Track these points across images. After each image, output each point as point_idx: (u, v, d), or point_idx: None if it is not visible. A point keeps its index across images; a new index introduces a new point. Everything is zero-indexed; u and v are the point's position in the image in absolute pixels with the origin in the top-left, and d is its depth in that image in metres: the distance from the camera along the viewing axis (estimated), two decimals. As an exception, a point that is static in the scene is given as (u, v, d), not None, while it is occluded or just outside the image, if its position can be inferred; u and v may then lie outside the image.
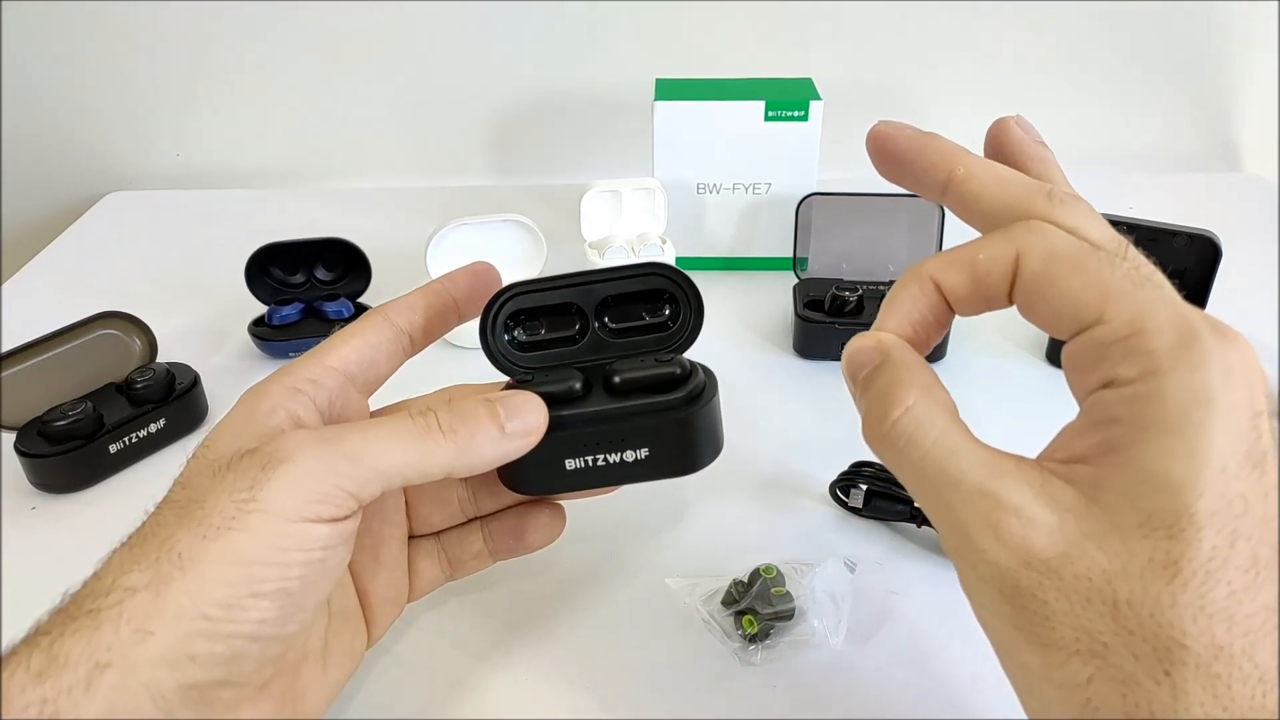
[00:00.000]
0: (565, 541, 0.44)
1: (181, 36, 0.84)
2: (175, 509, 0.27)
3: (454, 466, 0.29)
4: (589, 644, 0.39)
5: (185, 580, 0.25)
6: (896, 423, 0.26)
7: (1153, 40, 0.86)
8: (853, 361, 0.28)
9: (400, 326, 0.34)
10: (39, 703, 0.23)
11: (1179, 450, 0.23)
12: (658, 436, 0.32)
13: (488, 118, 0.89)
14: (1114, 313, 0.24)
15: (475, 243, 0.60)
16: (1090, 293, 0.25)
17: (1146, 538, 0.23)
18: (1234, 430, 0.23)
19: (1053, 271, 0.25)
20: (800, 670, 0.37)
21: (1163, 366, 0.23)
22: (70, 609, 0.25)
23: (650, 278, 0.34)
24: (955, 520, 0.25)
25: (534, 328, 0.35)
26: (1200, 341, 0.24)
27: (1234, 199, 0.85)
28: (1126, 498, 0.24)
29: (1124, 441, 0.24)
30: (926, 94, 0.89)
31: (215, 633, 0.25)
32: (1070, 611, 0.23)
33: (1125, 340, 0.24)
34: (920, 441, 0.26)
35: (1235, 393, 0.24)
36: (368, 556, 0.34)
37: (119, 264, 0.76)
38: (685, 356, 0.33)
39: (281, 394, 0.31)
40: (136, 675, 0.24)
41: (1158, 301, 0.24)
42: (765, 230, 0.70)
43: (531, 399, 0.31)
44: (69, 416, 0.48)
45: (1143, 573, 0.23)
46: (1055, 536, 0.24)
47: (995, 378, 0.57)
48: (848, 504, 0.45)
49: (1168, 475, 0.23)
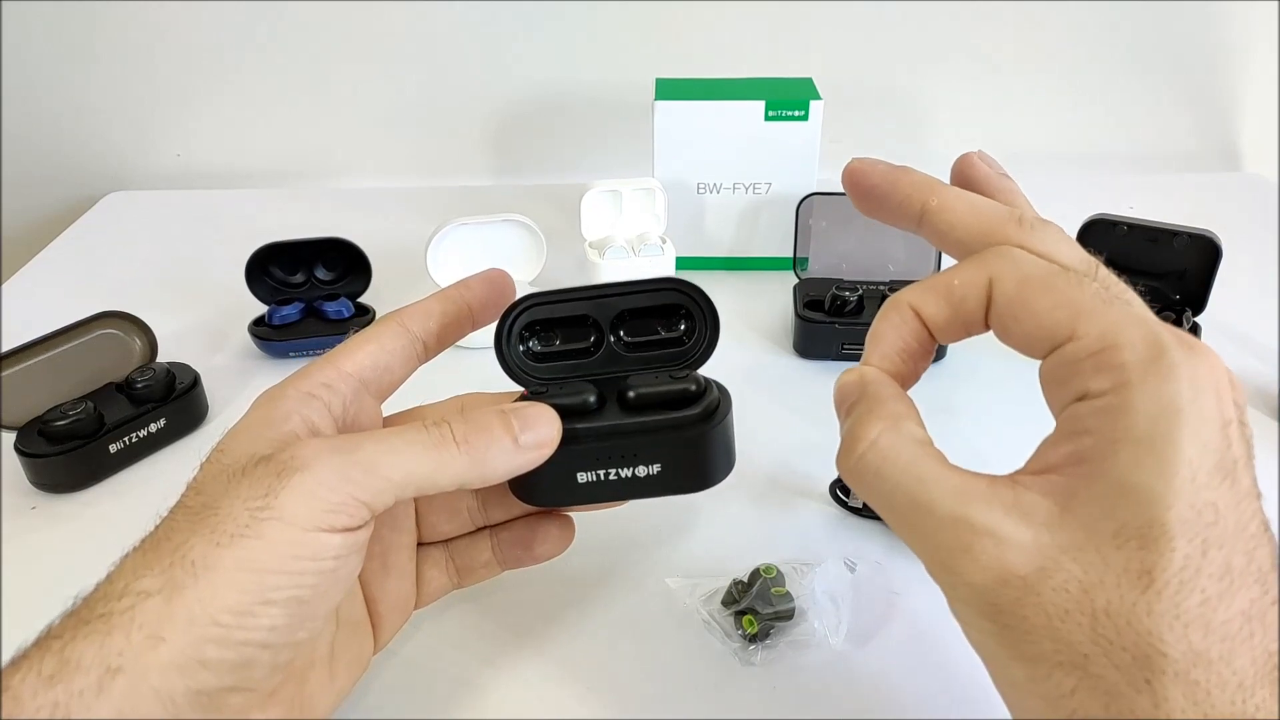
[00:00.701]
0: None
1: (181, 36, 0.84)
2: (189, 514, 0.27)
3: (467, 478, 0.29)
4: (589, 644, 0.39)
5: (198, 587, 0.25)
6: (863, 456, 0.27)
7: (1153, 40, 0.86)
8: (839, 396, 0.29)
9: (415, 333, 0.34)
10: (50, 706, 0.23)
11: (1149, 461, 0.24)
12: (671, 453, 0.32)
13: (488, 118, 0.89)
14: (1085, 329, 0.25)
15: (475, 243, 0.60)
16: (1061, 312, 0.26)
17: (1120, 549, 0.23)
18: (1203, 440, 0.24)
19: (1025, 294, 0.26)
20: (800, 670, 0.37)
21: (1132, 379, 0.24)
22: (82, 612, 0.25)
23: (666, 293, 0.34)
24: (930, 547, 0.26)
25: (549, 339, 0.35)
26: (1168, 354, 0.24)
27: (1234, 199, 0.85)
28: (1099, 507, 0.24)
29: (1096, 453, 0.24)
30: (926, 94, 0.89)
31: (227, 639, 0.25)
32: (1049, 625, 0.24)
33: (1096, 355, 0.25)
34: (888, 474, 0.27)
35: (1204, 403, 0.24)
36: (376, 564, 0.34)
37: (119, 264, 0.76)
38: (699, 373, 0.33)
39: (296, 399, 0.30)
40: (147, 680, 0.24)
41: (1127, 317, 0.25)
42: (765, 230, 0.70)
43: (546, 411, 0.31)
44: (69, 416, 0.48)
45: (1118, 583, 0.23)
46: (1030, 553, 0.24)
47: (995, 378, 0.57)
48: (848, 504, 0.45)
49: (1139, 486, 0.24)
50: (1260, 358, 0.59)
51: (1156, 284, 0.57)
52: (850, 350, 0.57)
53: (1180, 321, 0.55)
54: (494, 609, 0.40)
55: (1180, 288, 0.57)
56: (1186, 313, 0.56)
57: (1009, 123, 0.90)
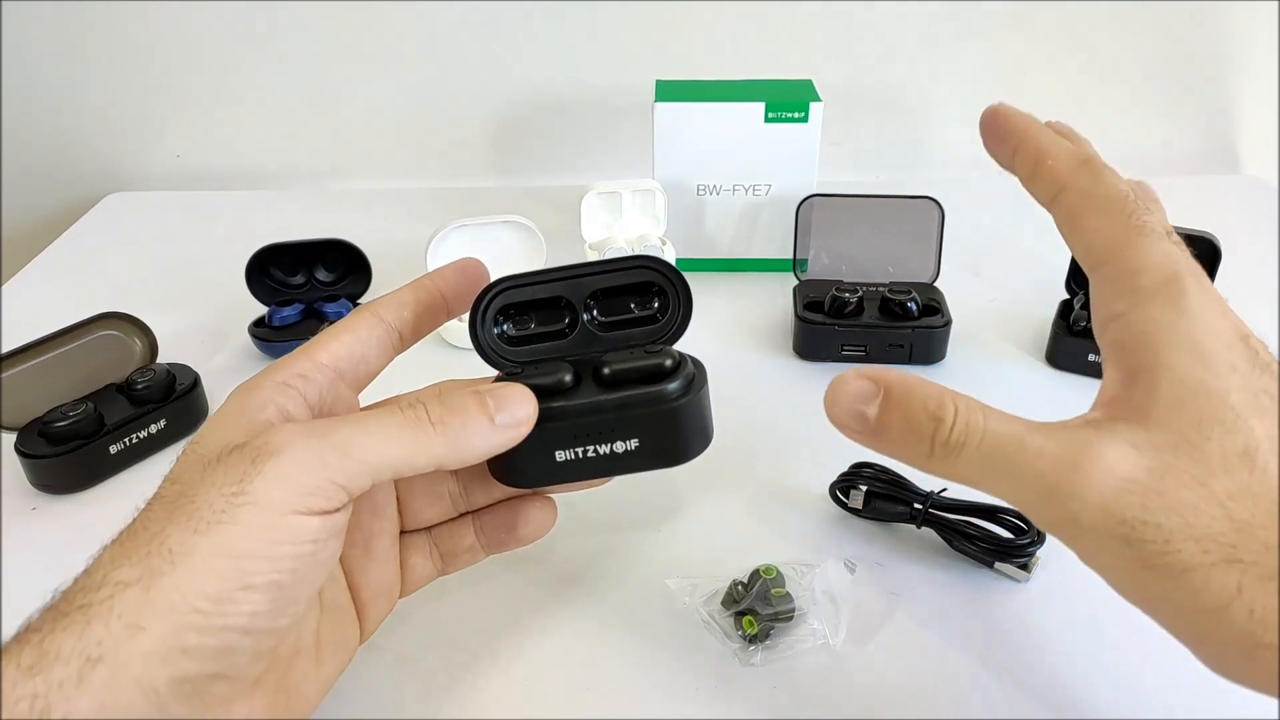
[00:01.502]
0: (565, 541, 0.44)
1: (181, 36, 0.84)
2: (165, 504, 0.27)
3: (444, 459, 0.30)
4: (589, 644, 0.39)
5: (176, 574, 0.25)
6: (953, 430, 0.27)
7: (1152, 43, 0.86)
8: (851, 403, 0.29)
9: (390, 322, 0.34)
10: (29, 697, 0.23)
11: (1191, 358, 0.26)
12: (648, 427, 0.32)
13: (488, 118, 0.90)
14: (1120, 257, 0.28)
15: (475, 243, 0.60)
16: (1103, 234, 0.29)
17: (1209, 439, 0.25)
18: (1226, 341, 0.26)
19: (1082, 207, 0.30)
20: (800, 671, 0.37)
21: (1154, 298, 0.27)
22: (61, 605, 0.25)
23: (638, 270, 0.34)
24: (1041, 491, 0.26)
25: (523, 322, 0.35)
26: (1181, 280, 0.27)
27: (1233, 201, 0.85)
28: (1171, 408, 0.25)
29: (1143, 365, 0.26)
30: (926, 95, 0.89)
31: (207, 626, 0.25)
32: (1184, 524, 0.24)
33: (1120, 279, 0.28)
34: (977, 441, 0.27)
35: (1214, 319, 0.27)
36: (359, 551, 0.34)
37: (119, 264, 0.76)
38: (675, 348, 0.33)
39: (272, 389, 0.31)
40: (128, 670, 0.24)
41: (1156, 249, 0.28)
42: (765, 231, 0.70)
43: (521, 391, 0.31)
44: (69, 417, 0.48)
45: (1226, 467, 0.24)
46: (1133, 457, 0.25)
47: (995, 378, 0.57)
48: (847, 505, 0.45)
49: (1194, 381, 0.25)
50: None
51: (1156, 285, 0.57)
52: (850, 351, 0.57)
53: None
54: (493, 609, 0.41)
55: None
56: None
57: (1008, 124, 0.90)
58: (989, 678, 0.37)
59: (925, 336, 0.57)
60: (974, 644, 0.38)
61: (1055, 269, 0.61)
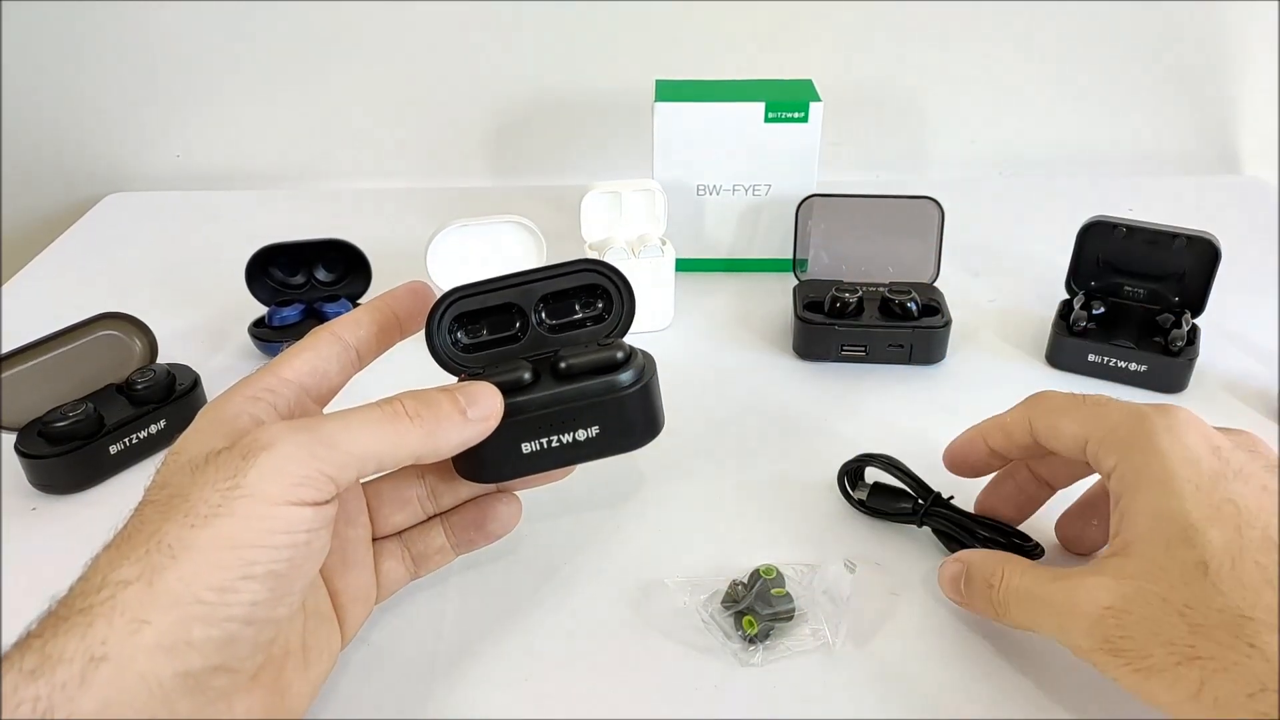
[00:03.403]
0: (564, 541, 0.44)
1: (182, 37, 0.84)
2: (156, 507, 0.28)
3: (422, 451, 0.31)
4: (589, 644, 0.39)
5: (178, 567, 0.25)
6: (997, 591, 0.35)
7: (1152, 42, 0.86)
8: (951, 578, 0.38)
9: (347, 341, 0.35)
10: (32, 700, 0.23)
11: (1157, 489, 0.31)
12: (607, 414, 0.34)
13: (488, 118, 0.89)
14: (1092, 432, 0.35)
15: (475, 244, 0.60)
16: (1077, 428, 0.36)
17: (1173, 557, 0.30)
18: (1194, 459, 0.31)
19: (1052, 422, 0.37)
20: (800, 671, 0.37)
21: (1129, 447, 0.33)
22: (60, 611, 0.25)
23: (582, 273, 0.36)
24: (1057, 628, 0.32)
25: (476, 330, 0.37)
26: (1147, 419, 0.33)
27: (1233, 201, 0.85)
28: (1143, 539, 0.31)
29: (1126, 509, 0.32)
30: (926, 95, 0.89)
31: (211, 617, 0.25)
32: (1154, 634, 0.29)
33: (1101, 443, 0.34)
34: (1011, 600, 0.35)
35: (1183, 436, 0.32)
36: (336, 558, 0.35)
37: (119, 264, 0.76)
38: (624, 341, 0.35)
39: (243, 402, 0.32)
40: (133, 666, 0.24)
41: (1118, 410, 0.35)
42: (765, 232, 0.70)
43: (487, 387, 0.33)
44: (69, 417, 0.48)
45: (1185, 580, 0.29)
46: (1112, 587, 0.31)
47: (995, 378, 0.57)
48: (852, 496, 0.45)
49: (1160, 508, 0.31)
50: (1259, 360, 0.59)
51: (1156, 286, 0.57)
52: (850, 351, 0.57)
53: (1180, 323, 0.55)
54: (491, 609, 0.41)
55: (1179, 290, 0.57)
56: (1185, 315, 0.56)
57: (1009, 125, 0.90)
58: (989, 678, 0.37)
59: (925, 336, 0.57)
60: (973, 645, 0.38)
61: (1055, 269, 0.61)
